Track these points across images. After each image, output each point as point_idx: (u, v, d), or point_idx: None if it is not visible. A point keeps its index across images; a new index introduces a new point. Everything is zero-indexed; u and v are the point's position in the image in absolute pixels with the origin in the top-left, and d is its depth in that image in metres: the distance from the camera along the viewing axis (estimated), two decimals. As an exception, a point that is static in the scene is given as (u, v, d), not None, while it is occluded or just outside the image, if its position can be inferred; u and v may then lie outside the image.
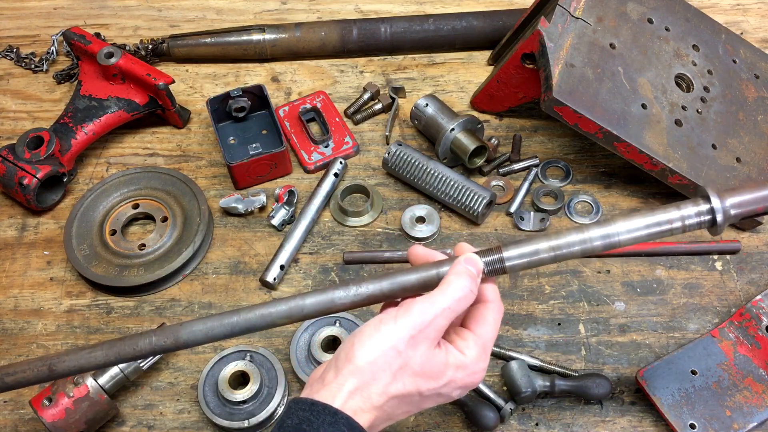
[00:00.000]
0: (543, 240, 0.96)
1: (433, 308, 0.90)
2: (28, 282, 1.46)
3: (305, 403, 0.87)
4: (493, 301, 0.97)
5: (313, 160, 1.58)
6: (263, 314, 0.97)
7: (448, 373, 0.92)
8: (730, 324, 1.31)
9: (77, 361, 1.00)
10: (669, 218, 0.95)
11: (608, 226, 0.95)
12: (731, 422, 1.22)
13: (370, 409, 0.88)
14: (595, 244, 0.95)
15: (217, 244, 1.49)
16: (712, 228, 0.95)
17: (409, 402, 0.92)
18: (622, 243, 0.95)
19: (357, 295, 0.96)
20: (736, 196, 0.95)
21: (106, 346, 1.00)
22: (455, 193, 1.47)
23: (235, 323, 0.97)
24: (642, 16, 1.54)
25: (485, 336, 0.95)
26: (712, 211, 0.94)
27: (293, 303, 0.97)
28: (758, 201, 0.95)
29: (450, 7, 1.85)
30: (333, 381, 0.89)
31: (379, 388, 0.89)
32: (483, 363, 0.94)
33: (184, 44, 1.73)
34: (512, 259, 0.96)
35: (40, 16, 1.89)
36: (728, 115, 1.51)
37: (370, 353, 0.89)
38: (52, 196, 1.55)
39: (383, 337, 0.89)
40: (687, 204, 0.95)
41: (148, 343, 0.99)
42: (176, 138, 1.66)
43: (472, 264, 0.95)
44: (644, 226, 0.95)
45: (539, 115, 1.64)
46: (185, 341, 0.98)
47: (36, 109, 1.72)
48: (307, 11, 1.86)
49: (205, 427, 1.29)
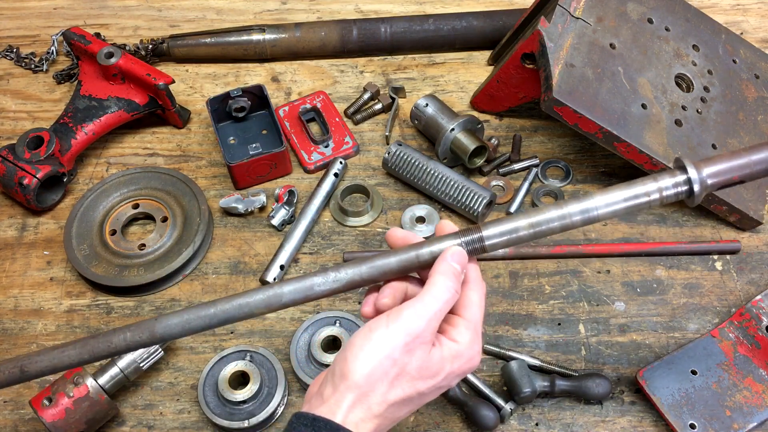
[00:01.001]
0: (522, 217, 0.95)
1: (426, 313, 0.90)
2: (28, 282, 1.46)
3: (307, 419, 0.87)
4: (475, 281, 0.97)
5: (313, 160, 1.58)
6: (240, 304, 0.95)
7: (446, 367, 0.92)
8: (730, 324, 1.31)
9: (50, 361, 0.97)
10: (646, 190, 0.94)
11: (586, 200, 0.94)
12: (731, 422, 1.22)
13: (371, 419, 0.89)
14: (575, 219, 0.95)
15: (217, 244, 1.49)
16: (689, 198, 0.95)
17: (409, 403, 0.92)
18: (600, 217, 0.95)
19: (336, 281, 0.95)
20: (712, 165, 0.94)
21: (79, 345, 0.97)
22: (455, 193, 1.47)
23: (213, 315, 0.95)
24: (642, 16, 1.54)
25: (474, 318, 0.95)
26: (689, 181, 0.94)
27: (271, 291, 0.95)
28: (734, 170, 0.95)
29: (450, 7, 1.85)
30: (332, 397, 0.89)
31: (378, 397, 0.88)
32: (477, 346, 0.95)
33: (184, 44, 1.73)
34: (492, 237, 0.95)
35: (40, 16, 1.89)
36: (728, 115, 1.51)
37: (365, 366, 0.88)
38: (52, 196, 1.55)
39: (376, 346, 0.89)
40: (664, 175, 0.94)
41: (122, 339, 0.95)
42: (176, 138, 1.66)
43: (458, 260, 0.94)
44: (622, 199, 0.94)
45: (539, 115, 1.64)
46: (161, 335, 0.95)
47: (36, 109, 1.72)
48: (307, 11, 1.86)
49: (205, 427, 1.29)
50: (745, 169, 0.94)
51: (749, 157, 0.94)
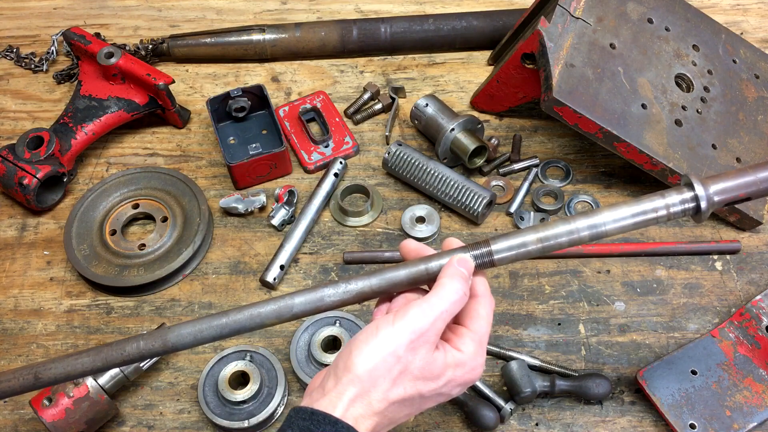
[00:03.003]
0: (531, 232, 0.96)
1: (432, 312, 0.90)
2: (28, 282, 1.46)
3: (305, 413, 0.87)
4: (484, 296, 0.98)
5: (313, 160, 1.58)
6: (252, 315, 0.96)
7: (448, 373, 0.92)
8: (730, 324, 1.31)
9: (64, 368, 0.98)
10: (654, 206, 0.96)
11: (595, 216, 0.96)
12: (731, 422, 1.22)
13: (371, 415, 0.89)
14: (582, 234, 0.96)
15: (217, 244, 1.49)
16: (696, 215, 0.96)
17: (410, 405, 0.92)
18: (608, 233, 0.96)
19: (346, 292, 0.96)
20: (719, 183, 0.96)
21: (93, 352, 0.98)
22: (455, 193, 1.47)
23: (224, 325, 0.96)
24: (642, 16, 1.54)
25: (480, 331, 0.95)
26: (696, 198, 0.95)
27: (282, 303, 0.96)
28: (740, 187, 0.96)
29: (450, 7, 1.85)
30: (333, 389, 0.89)
31: (380, 394, 0.89)
32: (480, 358, 0.95)
33: (184, 44, 1.73)
34: (501, 252, 0.96)
35: (40, 16, 1.89)
36: (728, 115, 1.51)
37: (369, 360, 0.89)
38: (52, 196, 1.55)
39: (381, 342, 0.89)
40: (671, 192, 0.96)
41: (135, 347, 0.97)
42: (176, 138, 1.66)
43: (464, 265, 0.95)
44: (630, 215, 0.96)
45: (539, 115, 1.64)
46: (173, 345, 0.97)
47: (36, 109, 1.72)
48: (307, 11, 1.86)
49: (205, 427, 1.29)
50: (752, 187, 0.96)
51: (756, 174, 0.96)
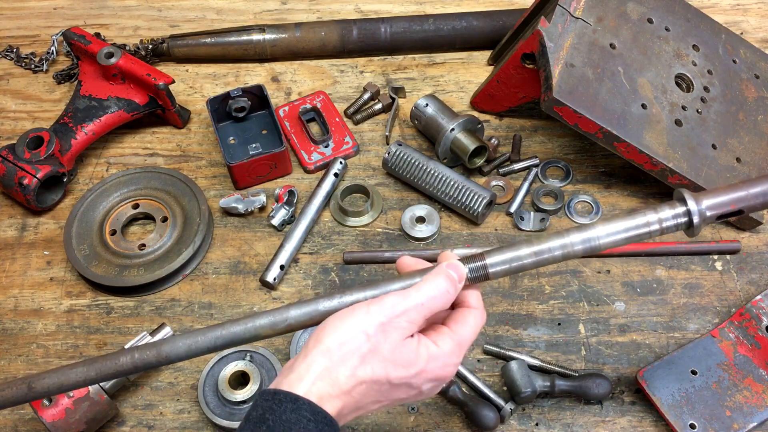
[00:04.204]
0: (525, 246, 0.98)
1: (407, 301, 0.92)
2: (28, 282, 1.46)
3: (269, 394, 0.88)
4: (476, 308, 0.98)
5: (313, 160, 1.58)
6: (247, 327, 0.97)
7: (419, 363, 0.92)
8: (730, 324, 1.31)
9: (57, 379, 0.99)
10: (647, 221, 0.97)
11: (588, 230, 0.98)
12: (731, 422, 1.22)
13: (338, 395, 0.88)
14: (576, 248, 0.98)
15: (217, 244, 1.49)
16: (688, 230, 0.98)
17: (378, 390, 0.92)
18: (602, 246, 0.98)
19: (341, 304, 0.96)
20: (711, 198, 0.98)
21: (87, 364, 0.98)
22: (455, 193, 1.47)
23: (219, 336, 0.97)
24: (642, 16, 1.54)
25: (462, 335, 0.96)
26: (688, 213, 0.97)
27: (278, 315, 0.97)
28: (732, 202, 0.98)
29: (450, 7, 1.85)
30: (302, 363, 0.90)
31: (347, 370, 0.89)
32: (456, 358, 0.95)
33: (184, 44, 1.73)
34: (495, 265, 0.98)
35: (40, 16, 1.89)
36: (728, 115, 1.51)
37: (339, 336, 0.90)
38: (52, 196, 1.55)
39: (354, 321, 0.91)
40: (664, 207, 0.98)
41: (129, 359, 0.98)
42: (176, 138, 1.66)
43: (454, 269, 0.96)
44: (623, 230, 0.98)
45: (539, 115, 1.64)
46: (167, 356, 0.97)
47: (36, 109, 1.72)
48: (307, 11, 1.86)
49: (205, 427, 1.29)
50: (744, 202, 0.98)
51: (747, 190, 0.98)
